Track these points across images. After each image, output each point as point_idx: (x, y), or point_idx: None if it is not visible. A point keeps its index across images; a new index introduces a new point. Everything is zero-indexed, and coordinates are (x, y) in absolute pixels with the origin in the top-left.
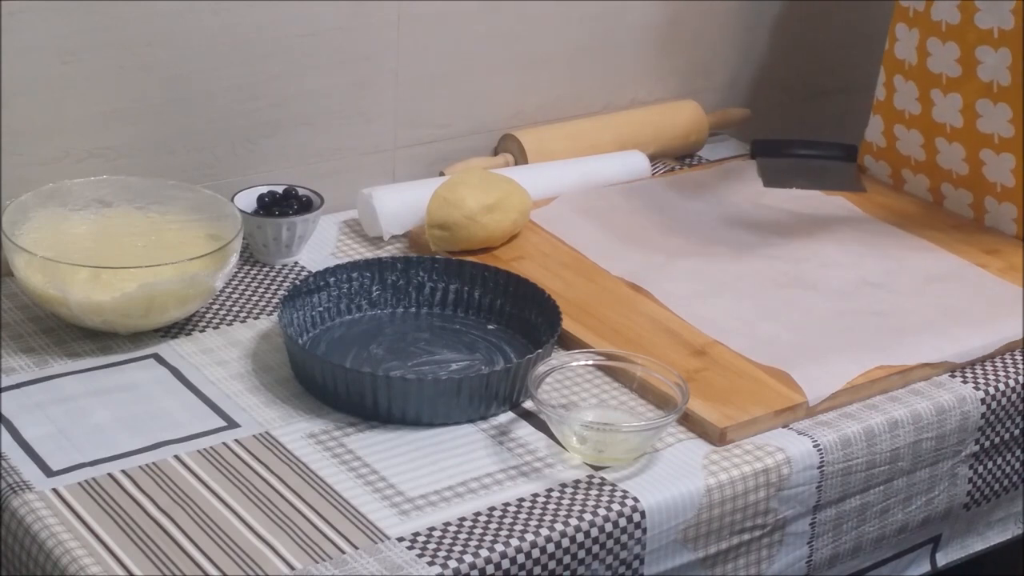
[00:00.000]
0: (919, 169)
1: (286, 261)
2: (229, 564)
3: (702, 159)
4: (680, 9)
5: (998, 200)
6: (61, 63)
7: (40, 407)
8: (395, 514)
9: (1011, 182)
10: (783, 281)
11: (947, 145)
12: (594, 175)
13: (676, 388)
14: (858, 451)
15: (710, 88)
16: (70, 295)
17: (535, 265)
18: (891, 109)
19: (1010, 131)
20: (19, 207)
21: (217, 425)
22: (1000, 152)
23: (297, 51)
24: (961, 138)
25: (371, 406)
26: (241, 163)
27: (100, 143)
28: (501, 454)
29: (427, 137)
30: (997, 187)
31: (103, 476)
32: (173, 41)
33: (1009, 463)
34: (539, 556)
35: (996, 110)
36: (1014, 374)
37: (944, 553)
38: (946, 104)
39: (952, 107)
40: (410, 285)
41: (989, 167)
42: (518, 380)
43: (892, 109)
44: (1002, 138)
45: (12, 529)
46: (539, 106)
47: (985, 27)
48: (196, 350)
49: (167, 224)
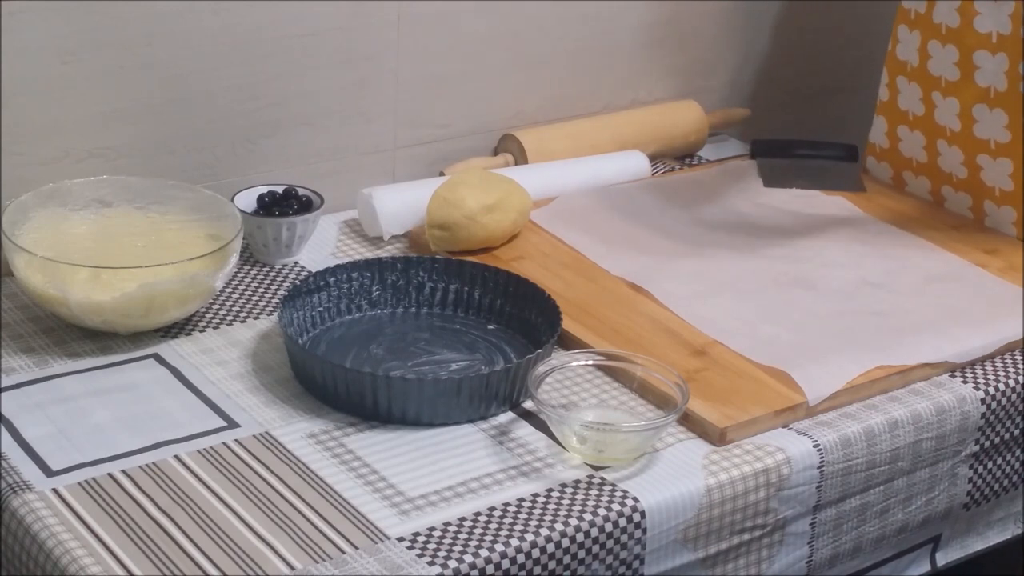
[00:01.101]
0: (920, 171)
1: (286, 261)
2: (229, 564)
3: (702, 159)
4: (680, 9)
5: (997, 204)
6: (61, 63)
7: (40, 407)
8: (395, 514)
9: (1009, 186)
10: (783, 281)
11: (947, 148)
12: (594, 175)
13: (676, 388)
14: (858, 451)
15: (710, 88)
16: (70, 295)
17: (535, 265)
18: (895, 110)
19: (1007, 136)
20: (19, 207)
21: (217, 425)
22: (997, 157)
23: (297, 51)
24: (960, 142)
25: (371, 406)
26: (241, 163)
27: (100, 143)
28: (501, 454)
29: (427, 137)
30: (996, 191)
31: (103, 476)
32: (173, 41)
33: (1009, 463)
34: (539, 556)
35: (993, 115)
36: (1014, 374)
37: (944, 553)
38: (946, 107)
39: (951, 111)
40: (410, 285)
41: (987, 171)
42: (518, 380)
43: (896, 110)
44: (999, 143)
45: (12, 529)
46: (539, 106)
47: (984, 31)
48: (196, 350)
49: (167, 224)
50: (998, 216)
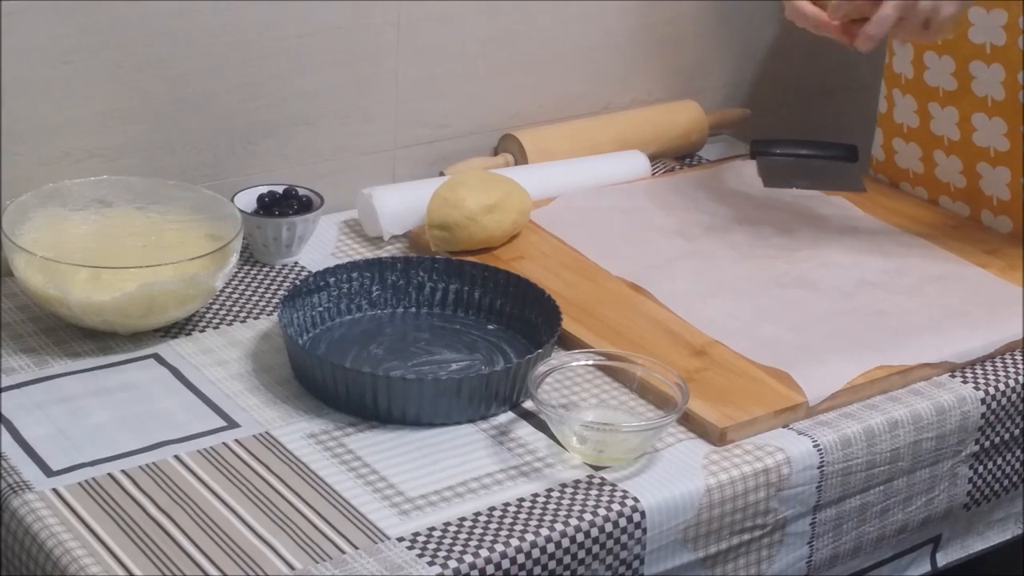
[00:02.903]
0: (918, 182)
1: (286, 261)
2: (229, 564)
3: (702, 159)
4: (680, 9)
5: (994, 213)
6: (61, 63)
7: (40, 407)
8: (395, 514)
9: (1007, 195)
10: (783, 281)
11: (944, 158)
12: (594, 175)
13: (676, 388)
14: (858, 451)
15: (710, 88)
16: (70, 295)
17: (535, 265)
18: (891, 122)
19: (1006, 145)
20: (19, 207)
21: (217, 425)
22: (996, 165)
23: (297, 51)
24: (958, 151)
25: (371, 406)
26: (241, 163)
27: (100, 143)
28: (501, 454)
29: (427, 137)
30: (993, 200)
31: (103, 476)
32: (173, 41)
33: (1009, 463)
34: (539, 556)
35: (992, 124)
36: (1014, 374)
37: (944, 553)
38: (944, 117)
39: (949, 120)
40: (410, 285)
41: (986, 180)
42: (518, 380)
43: (892, 122)
44: (998, 151)
45: (12, 529)
46: (539, 106)
47: (978, 42)
48: (196, 350)
49: (167, 224)
50: (995, 225)
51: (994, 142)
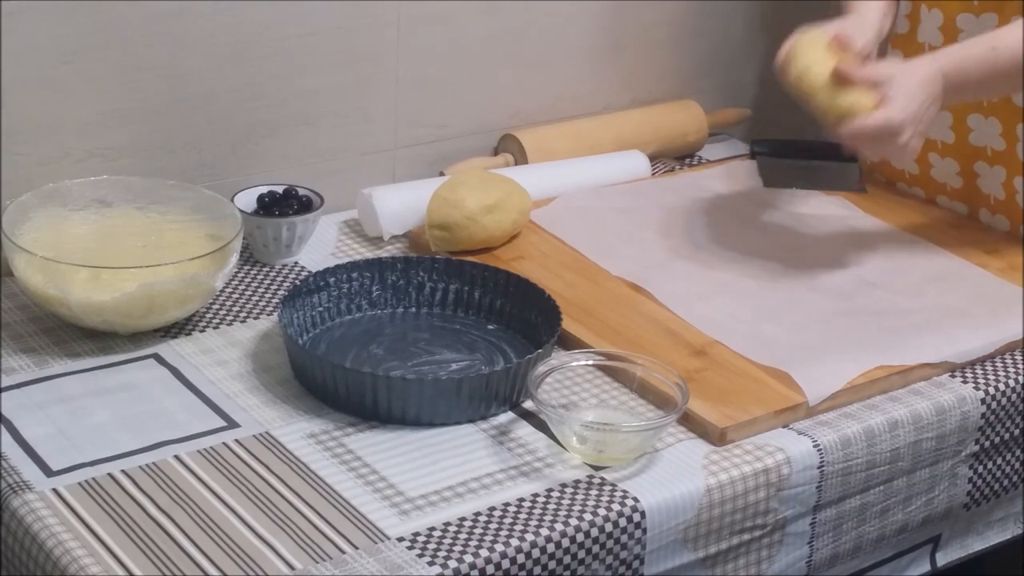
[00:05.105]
0: (914, 183)
1: (286, 261)
2: (229, 564)
3: (702, 159)
4: (680, 9)
5: (992, 212)
6: (61, 63)
7: (40, 407)
8: (395, 514)
9: (1003, 195)
10: (783, 281)
11: (940, 160)
12: (594, 175)
13: (676, 388)
14: (858, 451)
15: (710, 88)
16: (70, 295)
17: (535, 265)
18: None
19: (1002, 144)
20: (19, 207)
21: (217, 425)
22: (993, 165)
23: (297, 51)
24: (954, 152)
25: (371, 406)
26: (241, 163)
27: (100, 143)
28: (501, 454)
29: (427, 137)
30: (991, 199)
31: (103, 476)
32: (173, 41)
33: (1009, 463)
34: (539, 556)
35: (987, 124)
36: (1014, 374)
37: (944, 553)
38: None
39: (943, 122)
40: (410, 285)
41: (983, 179)
42: (518, 380)
43: None
44: (995, 151)
45: (12, 529)
46: (539, 106)
47: None
48: (196, 350)
49: (167, 224)
50: (993, 224)
51: (991, 142)
